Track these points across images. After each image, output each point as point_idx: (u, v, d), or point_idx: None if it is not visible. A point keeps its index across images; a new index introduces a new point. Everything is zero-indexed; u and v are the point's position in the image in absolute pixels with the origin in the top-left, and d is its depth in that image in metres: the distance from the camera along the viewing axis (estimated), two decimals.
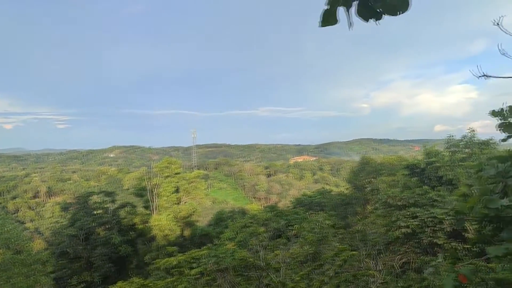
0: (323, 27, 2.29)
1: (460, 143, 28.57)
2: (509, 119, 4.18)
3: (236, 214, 53.31)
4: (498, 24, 3.82)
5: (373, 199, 26.91)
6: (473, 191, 4.35)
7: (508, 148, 4.44)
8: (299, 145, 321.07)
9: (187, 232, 50.06)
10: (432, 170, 23.64)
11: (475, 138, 27.66)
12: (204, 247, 14.21)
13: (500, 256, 4.01)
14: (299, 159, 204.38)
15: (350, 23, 2.18)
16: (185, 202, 56.85)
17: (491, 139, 26.35)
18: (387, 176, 35.02)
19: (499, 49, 3.92)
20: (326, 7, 2.15)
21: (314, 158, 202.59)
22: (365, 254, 13.56)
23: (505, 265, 4.19)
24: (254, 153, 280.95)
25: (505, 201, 3.76)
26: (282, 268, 11.89)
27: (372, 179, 39.76)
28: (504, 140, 4.47)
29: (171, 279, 11.98)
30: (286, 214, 35.48)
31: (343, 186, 78.78)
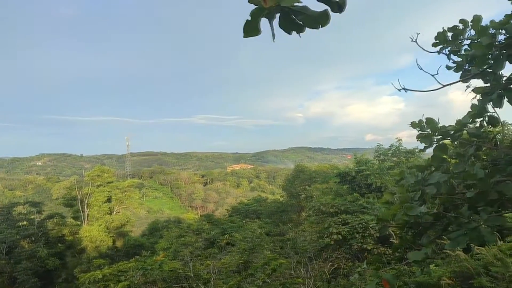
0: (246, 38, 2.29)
1: (388, 152, 30.08)
2: (427, 130, 4.42)
3: (172, 224, 52.31)
4: (415, 40, 4.05)
5: (308, 206, 27.48)
6: (395, 199, 4.54)
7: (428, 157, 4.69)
8: (236, 153, 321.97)
9: (119, 243, 48.44)
10: (362, 178, 24.56)
11: (402, 147, 29.29)
12: (132, 259, 13.76)
13: (419, 260, 4.21)
14: (236, 167, 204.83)
15: (273, 35, 2.19)
16: (118, 212, 55.17)
17: (416, 148, 27.94)
18: (320, 183, 35.96)
19: (417, 64, 4.14)
20: (248, 18, 2.15)
21: (251, 166, 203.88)
22: (296, 262, 13.77)
23: (424, 269, 4.38)
24: (190, 161, 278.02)
25: (423, 208, 3.95)
26: (212, 278, 11.78)
27: (307, 187, 40.68)
28: (423, 150, 4.72)
29: None
30: (222, 223, 35.39)
31: (279, 194, 79.96)
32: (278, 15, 2.15)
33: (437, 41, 4.70)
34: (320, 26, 2.19)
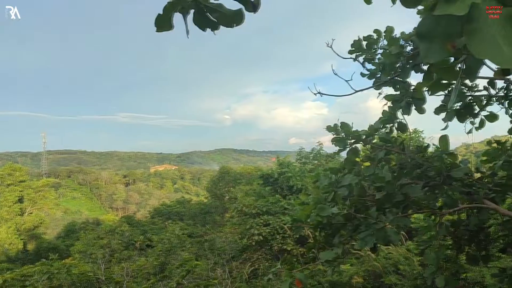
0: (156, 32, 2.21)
1: (310, 155, 31.12)
2: (341, 134, 4.57)
3: (90, 225, 50.00)
4: (330, 46, 4.17)
5: (231, 208, 27.57)
6: (310, 200, 4.64)
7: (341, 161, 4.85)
8: (161, 153, 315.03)
9: (31, 246, 45.41)
10: (284, 180, 25.04)
11: (323, 151, 30.48)
12: (38, 263, 12.91)
13: (331, 260, 4.34)
14: (160, 167, 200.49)
15: (187, 31, 2.12)
16: (30, 213, 51.89)
17: (334, 153, 29.06)
18: (244, 185, 36.24)
19: (332, 70, 4.27)
20: (161, 12, 2.07)
21: (176, 167, 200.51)
22: (214, 263, 13.75)
23: (335, 269, 4.52)
24: (112, 160, 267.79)
25: (335, 209, 4.07)
26: (125, 281, 11.39)
27: (231, 188, 40.84)
28: (337, 153, 4.89)
29: None
30: (143, 225, 34.50)
31: (203, 195, 79.50)
32: (192, 11, 2.10)
33: (353, 48, 4.90)
34: (235, 25, 2.17)
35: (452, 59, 1.97)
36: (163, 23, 2.09)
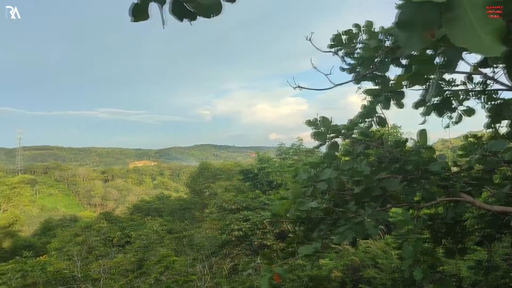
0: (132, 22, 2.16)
1: (290, 151, 31.27)
2: (321, 128, 4.56)
3: (67, 222, 49.21)
4: (309, 39, 4.15)
5: (211, 204, 27.50)
6: (289, 195, 4.63)
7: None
8: (139, 149, 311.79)
9: (6, 244, 44.43)
10: (264, 175, 25.13)
11: (303, 146, 30.67)
12: (11, 261, 12.65)
13: (310, 254, 4.34)
14: (139, 163, 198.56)
15: (163, 21, 2.06)
16: (5, 210, 50.81)
17: (314, 147, 29.29)
18: (224, 181, 36.18)
19: (311, 63, 4.25)
20: (136, 1, 2.00)
21: (155, 163, 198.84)
22: (193, 259, 13.69)
23: (314, 263, 4.52)
24: (90, 156, 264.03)
25: (314, 204, 4.06)
26: (102, 278, 11.25)
27: (211, 184, 40.71)
28: (317, 147, 4.88)
29: None
30: (121, 221, 34.06)
31: (183, 191, 79.11)
32: (169, 1, 2.04)
33: (333, 43, 4.89)
34: (212, 15, 2.12)
35: (430, 52, 1.96)
36: (139, 12, 2.04)
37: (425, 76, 3.36)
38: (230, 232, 17.69)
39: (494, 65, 4.11)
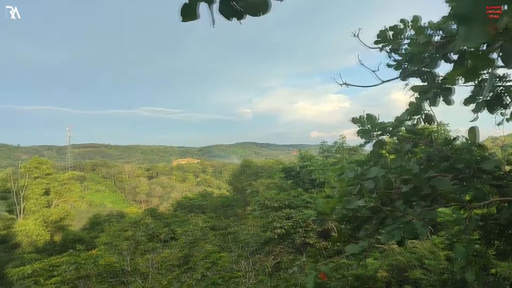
0: (184, 22, 2.20)
1: (332, 149, 30.95)
2: (367, 126, 4.50)
3: (114, 218, 50.82)
4: (356, 35, 4.10)
5: (253, 201, 27.68)
6: (335, 193, 4.59)
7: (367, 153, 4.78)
8: (183, 147, 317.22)
9: (57, 238, 46.43)
10: (306, 173, 25.01)
11: (346, 144, 30.26)
12: (65, 254, 13.19)
13: (356, 253, 4.29)
14: (182, 161, 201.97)
15: (213, 20, 2.10)
16: (56, 205, 52.95)
17: (359, 145, 28.86)
18: (266, 178, 36.29)
19: (358, 60, 4.20)
20: (186, 1, 2.05)
21: (197, 161, 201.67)
22: (237, 256, 13.80)
23: (361, 262, 4.46)
24: (135, 154, 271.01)
25: (361, 202, 4.02)
26: (150, 272, 11.57)
27: (253, 182, 40.94)
28: (362, 145, 4.82)
29: None
30: (165, 217, 34.85)
31: (225, 188, 79.82)
32: (217, 0, 2.08)
33: (379, 39, 4.80)
34: (260, 13, 2.14)
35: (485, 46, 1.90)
36: (188, 12, 2.08)
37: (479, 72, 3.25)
38: (273, 229, 17.74)
39: None
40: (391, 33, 4.77)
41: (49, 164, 57.03)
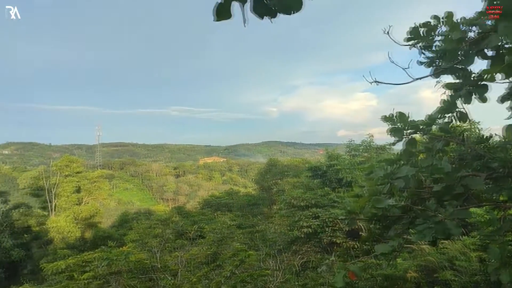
0: (218, 21, 2.23)
1: (360, 148, 30.54)
2: (398, 124, 4.44)
3: (142, 216, 51.68)
4: (387, 33, 4.05)
5: (279, 200, 27.66)
6: (364, 192, 4.55)
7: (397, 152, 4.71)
8: (209, 146, 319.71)
9: (88, 234, 47.52)
10: (333, 173, 24.80)
11: (373, 143, 29.83)
12: (97, 250, 13.52)
13: (386, 253, 4.24)
14: (209, 160, 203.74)
15: (245, 20, 2.12)
16: (86, 203, 54.12)
17: (387, 144, 28.45)
18: (292, 177, 36.22)
19: (388, 57, 4.15)
20: (220, 1, 2.08)
21: (224, 159, 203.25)
22: (265, 254, 13.84)
23: (391, 262, 4.41)
24: (162, 153, 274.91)
25: (391, 201, 3.97)
26: (179, 269, 11.73)
27: (278, 181, 40.92)
28: (393, 144, 4.75)
29: (61, 284, 11.25)
30: (192, 215, 35.20)
31: (251, 187, 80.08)
32: None
33: (411, 36, 4.72)
34: (293, 11, 2.15)
35: None
36: (222, 12, 2.11)
37: None
38: (300, 228, 17.70)
39: None
40: (423, 29, 4.68)
41: (79, 163, 58.24)
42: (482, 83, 4.18)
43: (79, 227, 47.77)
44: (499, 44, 3.52)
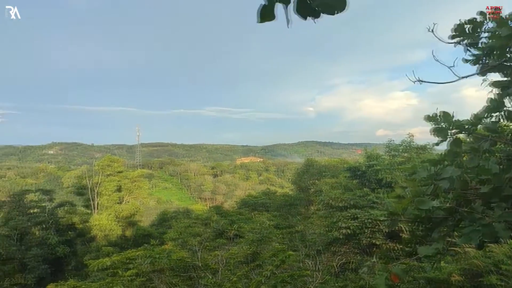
0: (261, 23, 2.25)
1: (400, 148, 29.80)
2: (442, 124, 4.33)
3: (180, 214, 52.41)
4: (432, 31, 3.96)
5: (316, 200, 27.44)
6: (406, 193, 4.47)
7: (441, 153, 4.60)
8: (246, 146, 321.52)
9: (128, 232, 48.77)
10: (372, 173, 24.36)
11: (413, 143, 29.02)
12: (140, 248, 13.87)
13: (430, 255, 4.15)
14: (246, 159, 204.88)
15: (289, 21, 2.13)
16: (127, 202, 55.45)
17: (428, 144, 27.69)
18: (330, 178, 35.81)
19: (433, 55, 4.06)
20: (264, 3, 2.10)
21: (260, 159, 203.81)
22: (304, 255, 13.79)
23: (435, 265, 4.32)
24: (200, 153, 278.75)
25: (435, 203, 3.88)
26: (220, 268, 11.88)
27: (316, 181, 40.60)
28: (437, 144, 4.63)
29: (105, 281, 11.60)
30: (230, 215, 35.42)
31: (288, 187, 79.88)
32: (294, 0, 2.11)
33: (456, 33, 4.59)
34: (337, 11, 2.14)
35: None
36: (266, 13, 2.12)
37: None
38: (338, 229, 17.52)
39: None
40: (468, 26, 4.54)
41: (120, 162, 59.69)
42: None
43: (120, 225, 49.04)
44: None
